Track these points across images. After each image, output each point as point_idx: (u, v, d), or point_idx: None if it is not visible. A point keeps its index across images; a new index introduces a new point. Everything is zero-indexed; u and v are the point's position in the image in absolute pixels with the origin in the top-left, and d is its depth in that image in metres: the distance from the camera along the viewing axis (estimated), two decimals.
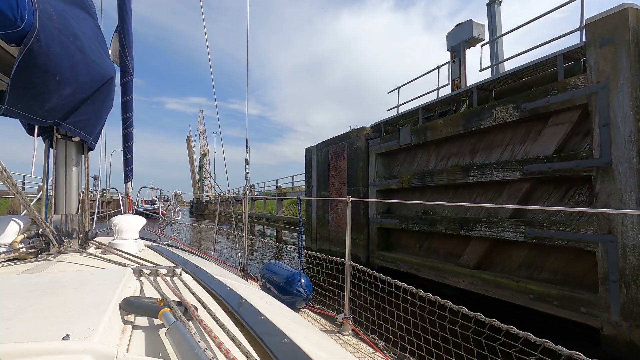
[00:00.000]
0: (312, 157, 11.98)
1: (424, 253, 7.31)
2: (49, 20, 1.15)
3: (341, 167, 9.80)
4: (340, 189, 9.82)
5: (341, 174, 9.79)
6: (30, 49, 1.09)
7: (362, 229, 8.74)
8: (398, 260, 7.55)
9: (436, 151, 7.19)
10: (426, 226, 6.92)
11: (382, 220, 8.24)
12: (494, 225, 5.47)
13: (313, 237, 11.51)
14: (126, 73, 2.43)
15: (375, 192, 8.48)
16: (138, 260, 1.40)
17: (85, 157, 1.76)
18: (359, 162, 9.01)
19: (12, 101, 1.15)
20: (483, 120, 5.83)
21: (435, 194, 7.09)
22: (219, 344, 0.59)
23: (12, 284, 0.82)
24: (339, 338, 2.42)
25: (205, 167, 50.93)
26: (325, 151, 10.82)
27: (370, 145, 8.82)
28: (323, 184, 10.93)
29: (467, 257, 6.03)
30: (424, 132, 7.17)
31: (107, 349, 0.50)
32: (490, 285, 5.40)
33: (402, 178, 7.67)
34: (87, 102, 1.53)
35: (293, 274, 2.84)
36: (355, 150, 9.22)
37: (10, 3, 0.99)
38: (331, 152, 10.43)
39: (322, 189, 11.01)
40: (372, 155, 8.70)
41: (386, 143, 8.26)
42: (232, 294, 1.10)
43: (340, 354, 1.06)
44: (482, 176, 5.82)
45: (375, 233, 8.42)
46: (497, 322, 1.67)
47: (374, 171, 8.61)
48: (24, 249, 1.38)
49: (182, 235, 8.27)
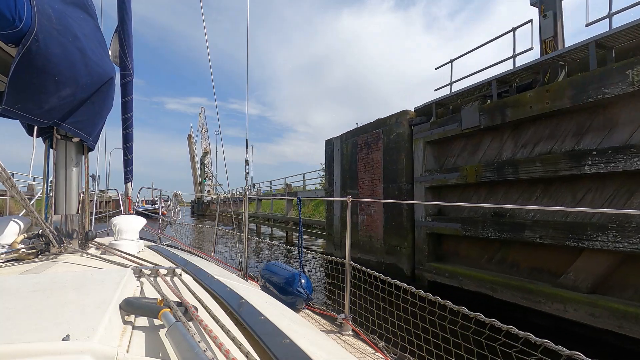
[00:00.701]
0: (334, 149, 10.28)
1: (495, 267, 5.63)
2: (47, 21, 1.15)
3: (374, 160, 8.17)
4: (374, 187, 8.26)
5: (374, 168, 8.19)
6: (28, 49, 1.09)
7: (405, 235, 7.05)
8: (460, 275, 5.85)
9: (514, 135, 5.50)
10: (505, 233, 5.23)
11: (435, 224, 6.52)
12: (633, 233, 3.80)
13: (337, 242, 9.88)
14: (126, 73, 2.43)
15: (424, 189, 6.83)
16: (138, 261, 1.40)
17: (85, 157, 1.76)
18: (399, 153, 7.34)
19: (11, 101, 1.15)
20: (609, 87, 4.13)
21: (513, 191, 5.45)
22: (219, 344, 0.59)
23: (12, 285, 0.82)
24: (339, 338, 2.42)
25: (207, 166, 50.09)
26: (353, 142, 9.17)
27: (416, 132, 7.10)
28: (350, 180, 9.31)
29: (575, 276, 4.42)
30: (501, 110, 5.41)
31: (107, 349, 0.50)
32: (629, 321, 3.71)
33: (465, 171, 5.97)
34: (86, 103, 1.53)
35: (293, 274, 2.85)
36: (395, 139, 7.51)
37: (8, 3, 0.99)
38: (360, 143, 8.81)
39: (348, 186, 9.41)
40: (419, 144, 6.98)
41: (440, 128, 6.55)
42: (232, 295, 1.10)
43: (340, 354, 1.06)
44: (606, 165, 4.10)
45: (424, 240, 6.68)
46: (498, 322, 1.67)
47: (421, 164, 6.93)
48: (24, 249, 1.38)
49: (182, 236, 8.26)
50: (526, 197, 5.26)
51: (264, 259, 11.15)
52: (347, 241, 2.94)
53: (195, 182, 51.46)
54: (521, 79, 5.81)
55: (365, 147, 8.67)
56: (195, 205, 44.65)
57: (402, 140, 7.38)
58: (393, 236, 7.48)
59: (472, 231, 5.78)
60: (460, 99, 6.74)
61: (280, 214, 18.92)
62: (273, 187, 25.50)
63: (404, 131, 7.38)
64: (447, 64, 7.48)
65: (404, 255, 7.15)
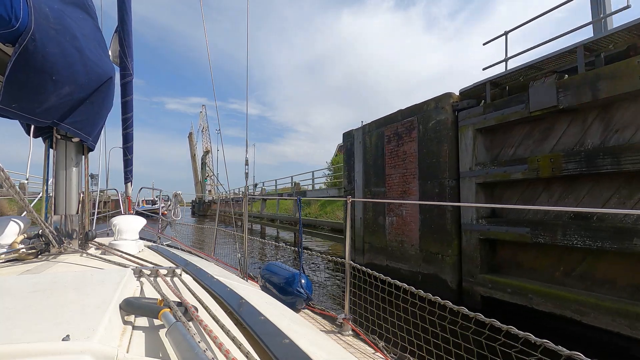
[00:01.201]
0: (354, 143, 9.04)
1: (576, 283, 4.48)
2: (45, 20, 1.15)
3: (407, 153, 7.03)
4: (406, 184, 7.09)
5: (407, 162, 7.02)
6: (25, 48, 1.08)
7: (450, 240, 5.91)
8: (530, 292, 4.64)
9: (604, 117, 4.35)
10: (597, 240, 4.06)
11: (491, 227, 5.32)
12: None
13: (359, 247, 8.61)
14: (126, 74, 2.43)
15: (474, 186, 5.64)
16: (138, 261, 1.40)
17: (85, 157, 1.76)
18: (440, 144, 6.21)
19: (7, 101, 1.15)
20: None
21: (603, 187, 4.31)
22: (219, 344, 0.59)
23: (12, 285, 0.82)
24: (339, 338, 2.42)
25: (208, 165, 49.08)
26: (379, 134, 7.96)
27: (462, 118, 5.96)
28: (375, 177, 8.09)
29: None
30: (591, 85, 4.24)
31: (107, 349, 0.50)
32: None
33: (535, 163, 4.78)
34: (85, 103, 1.53)
35: (293, 274, 2.85)
36: (434, 127, 6.35)
37: (4, 3, 0.99)
38: (388, 134, 7.62)
39: (372, 184, 8.19)
40: (467, 133, 5.84)
41: (497, 112, 5.36)
42: (232, 295, 1.10)
43: (340, 354, 1.06)
44: None
45: (475, 247, 5.53)
46: (497, 323, 1.67)
47: (470, 155, 5.76)
48: (24, 249, 1.38)
49: (182, 236, 8.25)
50: (625, 195, 4.15)
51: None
52: (347, 241, 2.94)
53: (196, 181, 50.75)
54: (615, 44, 4.46)
55: (395, 138, 7.40)
56: (196, 206, 43.90)
57: (444, 128, 6.12)
58: (432, 242, 6.28)
59: (546, 237, 4.54)
60: (523, 76, 5.48)
61: (287, 215, 17.77)
62: (278, 186, 23.95)
63: (447, 118, 6.10)
64: (502, 36, 6.26)
65: (448, 265, 5.92)
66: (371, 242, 8.16)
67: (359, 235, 8.69)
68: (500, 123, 5.39)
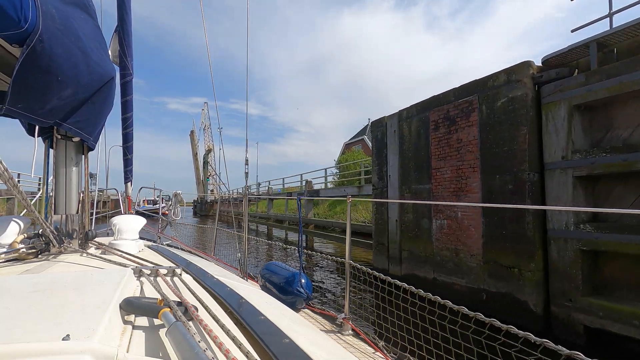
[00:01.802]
0: (387, 132, 7.81)
1: None
2: (51, 22, 1.15)
3: (463, 140, 5.79)
4: (462, 179, 5.80)
5: (463, 152, 5.78)
6: (32, 49, 1.09)
7: (532, 251, 4.65)
8: None
9: None
10: None
11: (600, 235, 4.05)
12: None
13: (394, 254, 7.29)
14: (126, 73, 2.43)
15: (571, 180, 4.36)
16: (138, 261, 1.40)
17: (85, 157, 1.76)
18: (515, 127, 4.93)
19: (13, 101, 1.15)
20: None
21: None
22: (219, 344, 0.59)
23: (12, 285, 0.82)
24: (339, 338, 2.42)
25: (210, 164, 48.32)
26: (422, 119, 6.72)
27: (547, 93, 4.68)
28: (416, 172, 6.83)
29: None
30: None
31: (107, 349, 0.50)
32: None
33: None
34: (87, 103, 1.54)
35: (293, 274, 2.85)
36: (505, 106, 5.10)
37: (14, 4, 1.00)
38: (435, 118, 6.38)
39: (412, 180, 6.93)
40: (558, 111, 4.54)
41: (610, 81, 4.08)
42: (232, 294, 1.10)
43: (340, 354, 1.06)
44: None
45: (572, 260, 4.28)
46: (497, 322, 1.67)
47: (564, 140, 4.45)
48: (24, 249, 1.38)
49: (182, 237, 8.25)
50: None
51: None
52: (347, 240, 2.94)
53: (198, 181, 50.11)
54: None
55: (445, 123, 6.17)
56: (198, 205, 43.34)
57: (522, 107, 4.87)
58: (503, 252, 5.00)
59: None
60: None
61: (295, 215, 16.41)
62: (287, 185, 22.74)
63: (525, 93, 4.85)
64: None
65: (529, 283, 4.63)
66: (411, 250, 6.81)
67: (394, 241, 7.28)
68: (612, 96, 4.08)
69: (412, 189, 6.98)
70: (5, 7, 0.98)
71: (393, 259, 7.38)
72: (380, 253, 7.90)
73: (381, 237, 7.84)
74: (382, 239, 7.79)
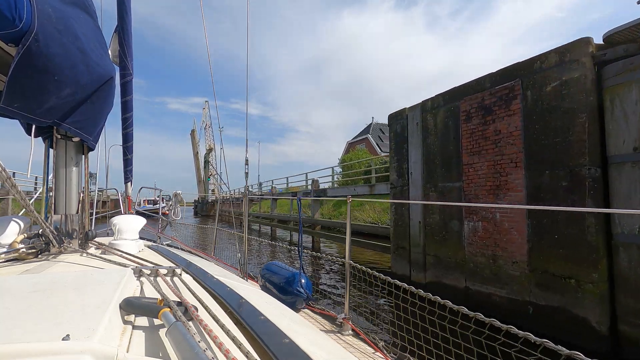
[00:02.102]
0: (408, 125, 7.08)
1: None
2: (47, 21, 1.15)
3: (502, 131, 5.14)
4: (501, 175, 5.11)
5: (503, 145, 5.12)
6: (28, 49, 1.09)
7: (594, 260, 3.98)
8: None
9: None
10: None
11: None
12: None
13: (416, 260, 6.58)
14: (126, 73, 2.43)
15: None
16: (138, 261, 1.40)
17: (85, 157, 1.76)
18: (571, 114, 4.27)
19: (9, 101, 1.15)
20: None
21: None
22: (219, 344, 0.59)
23: (12, 285, 0.82)
24: (339, 338, 2.42)
25: (211, 164, 47.47)
26: (450, 110, 6.04)
27: (611, 74, 4.03)
28: (443, 168, 6.13)
29: None
30: None
31: (107, 349, 0.50)
32: None
33: None
34: (86, 103, 1.53)
35: (293, 274, 2.85)
36: (557, 91, 4.44)
37: (8, 3, 0.99)
38: (467, 108, 5.70)
39: (439, 177, 6.21)
40: (627, 94, 3.87)
41: None
42: (232, 294, 1.10)
43: (340, 354, 1.06)
44: None
45: None
46: (497, 322, 1.67)
47: (636, 128, 3.80)
48: (24, 249, 1.38)
49: (182, 237, 8.21)
50: None
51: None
52: (347, 240, 2.94)
53: (199, 180, 49.52)
54: None
55: (479, 113, 5.51)
56: (199, 205, 42.80)
57: (579, 91, 4.20)
58: (555, 260, 4.34)
59: None
60: None
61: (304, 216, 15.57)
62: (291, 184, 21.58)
63: (582, 75, 4.18)
64: None
65: (590, 296, 3.97)
66: (438, 255, 6.08)
67: (417, 245, 6.55)
68: None
69: (438, 187, 6.16)
70: (0, 6, 0.98)
71: (416, 264, 6.59)
72: (400, 258, 7.08)
73: (401, 241, 7.03)
74: (403, 242, 6.97)
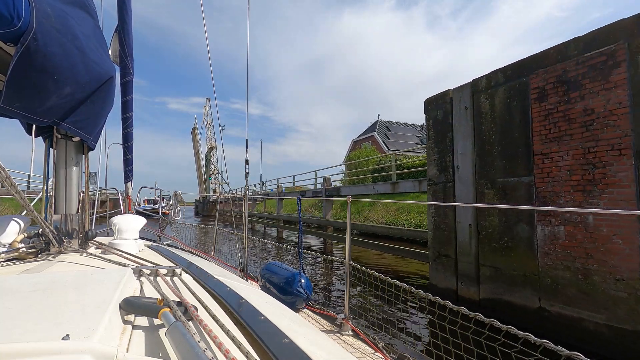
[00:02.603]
0: (452, 111, 5.98)
1: None
2: (46, 20, 1.15)
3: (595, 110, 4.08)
4: (597, 166, 4.03)
5: (597, 126, 4.06)
6: (27, 48, 1.09)
7: None
8: None
9: None
10: None
11: None
12: None
13: (466, 270, 5.36)
14: (126, 73, 2.43)
15: None
16: (138, 260, 1.40)
17: (86, 157, 1.76)
18: None
19: (8, 100, 1.15)
20: None
21: None
22: (219, 344, 0.59)
23: (12, 284, 0.82)
24: (339, 338, 2.42)
25: (212, 163, 47.12)
26: (514, 88, 4.94)
27: None
28: (506, 159, 4.98)
29: None
30: None
31: (107, 349, 0.50)
32: None
33: None
34: (86, 102, 1.53)
35: (293, 274, 2.85)
36: None
37: (6, 2, 0.99)
38: (540, 84, 4.63)
39: (499, 170, 5.06)
40: None
41: None
42: (232, 294, 1.10)
43: (340, 354, 1.06)
44: None
45: None
46: (497, 323, 1.67)
47: None
48: (24, 248, 1.38)
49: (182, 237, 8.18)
50: None
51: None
52: (347, 240, 2.94)
53: (200, 180, 49.02)
54: None
55: (559, 89, 4.43)
56: (200, 205, 42.21)
57: None
58: None
59: None
60: None
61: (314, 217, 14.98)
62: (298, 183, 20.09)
63: None
64: None
65: None
66: (497, 266, 4.92)
67: (467, 254, 5.40)
68: None
69: (496, 183, 5.06)
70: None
71: (465, 276, 5.38)
72: (443, 268, 5.81)
73: (444, 247, 5.83)
74: (446, 249, 5.79)
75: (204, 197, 41.67)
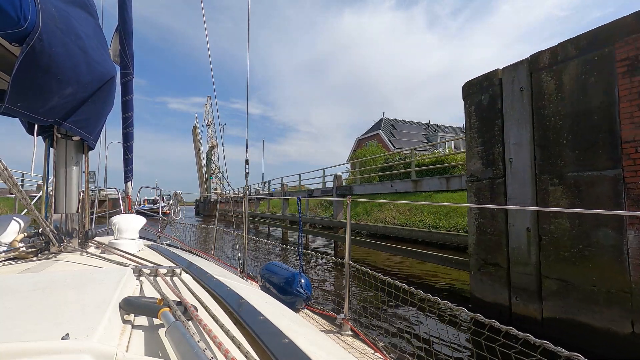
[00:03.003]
0: (500, 94, 5.02)
1: None
2: (51, 20, 1.16)
3: None
4: None
5: None
6: (32, 48, 1.09)
7: None
8: None
9: None
10: None
11: None
12: None
13: (523, 283, 4.33)
14: (126, 73, 2.43)
15: None
16: (138, 260, 1.40)
17: (86, 156, 1.76)
18: None
19: (13, 100, 1.15)
20: None
21: None
22: (219, 344, 0.59)
23: (12, 284, 0.82)
24: (338, 338, 2.42)
25: (213, 162, 46.11)
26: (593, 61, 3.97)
27: None
28: (580, 149, 4.01)
29: None
30: None
31: (106, 348, 0.50)
32: None
33: None
34: (88, 102, 1.54)
35: (293, 274, 2.85)
36: None
37: (13, 3, 1.00)
38: (631, 54, 3.69)
39: (571, 163, 4.07)
40: None
41: None
42: (231, 294, 1.10)
43: (340, 355, 1.06)
44: None
45: None
46: (497, 323, 1.67)
47: None
48: (24, 248, 1.38)
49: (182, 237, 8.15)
50: None
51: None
52: (347, 240, 2.94)
53: (201, 179, 48.57)
54: None
55: None
56: (201, 205, 41.82)
57: None
58: None
59: None
60: None
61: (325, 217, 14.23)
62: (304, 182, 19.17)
63: None
64: None
65: None
66: (567, 279, 3.95)
67: (524, 263, 4.40)
68: None
69: (567, 177, 4.13)
70: (5, 6, 0.98)
71: (521, 290, 4.37)
72: (490, 279, 4.78)
73: (491, 255, 4.86)
74: (495, 257, 4.81)
75: (205, 197, 41.27)
